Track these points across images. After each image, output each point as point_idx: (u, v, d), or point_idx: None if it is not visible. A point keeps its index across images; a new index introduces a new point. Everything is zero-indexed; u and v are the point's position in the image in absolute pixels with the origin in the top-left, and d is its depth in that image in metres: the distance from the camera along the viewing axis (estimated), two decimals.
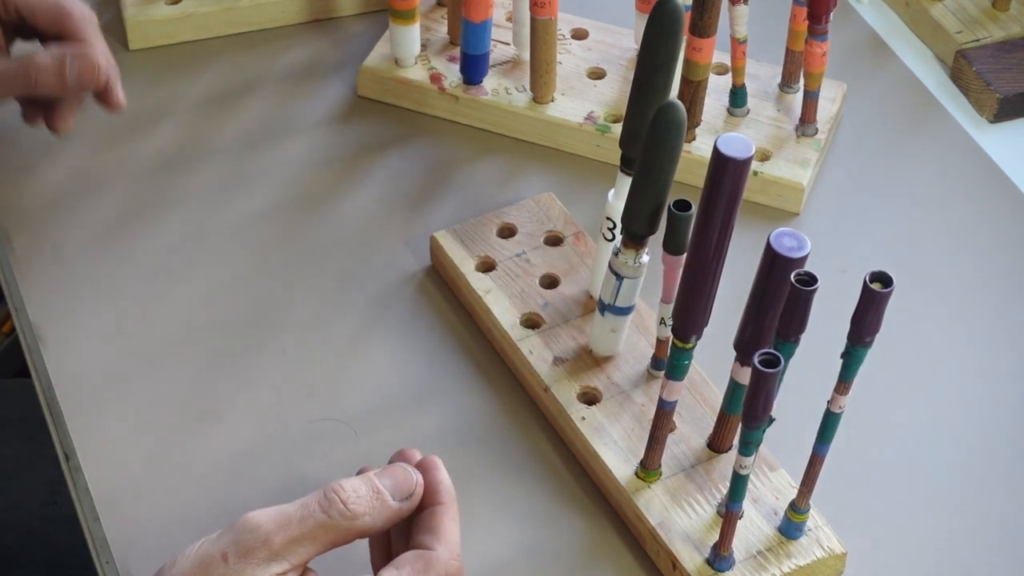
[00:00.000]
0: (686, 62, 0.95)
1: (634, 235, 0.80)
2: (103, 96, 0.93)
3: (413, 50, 1.04)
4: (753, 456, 0.74)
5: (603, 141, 1.01)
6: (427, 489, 0.74)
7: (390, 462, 0.76)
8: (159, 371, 0.89)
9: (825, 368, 0.76)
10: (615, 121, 1.01)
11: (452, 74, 1.04)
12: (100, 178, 0.99)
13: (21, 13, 0.92)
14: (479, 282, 0.91)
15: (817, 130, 1.00)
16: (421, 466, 0.75)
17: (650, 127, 0.76)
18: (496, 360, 0.90)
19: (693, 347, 0.77)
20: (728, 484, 0.76)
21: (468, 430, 0.86)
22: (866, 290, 0.69)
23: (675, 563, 0.78)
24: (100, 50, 0.92)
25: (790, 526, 0.79)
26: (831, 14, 0.95)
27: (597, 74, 1.04)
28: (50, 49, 0.91)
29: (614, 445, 0.83)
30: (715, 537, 0.79)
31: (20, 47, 0.94)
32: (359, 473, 0.75)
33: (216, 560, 0.68)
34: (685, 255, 0.76)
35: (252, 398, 0.87)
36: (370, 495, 0.71)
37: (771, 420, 0.72)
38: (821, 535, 0.79)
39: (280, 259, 0.95)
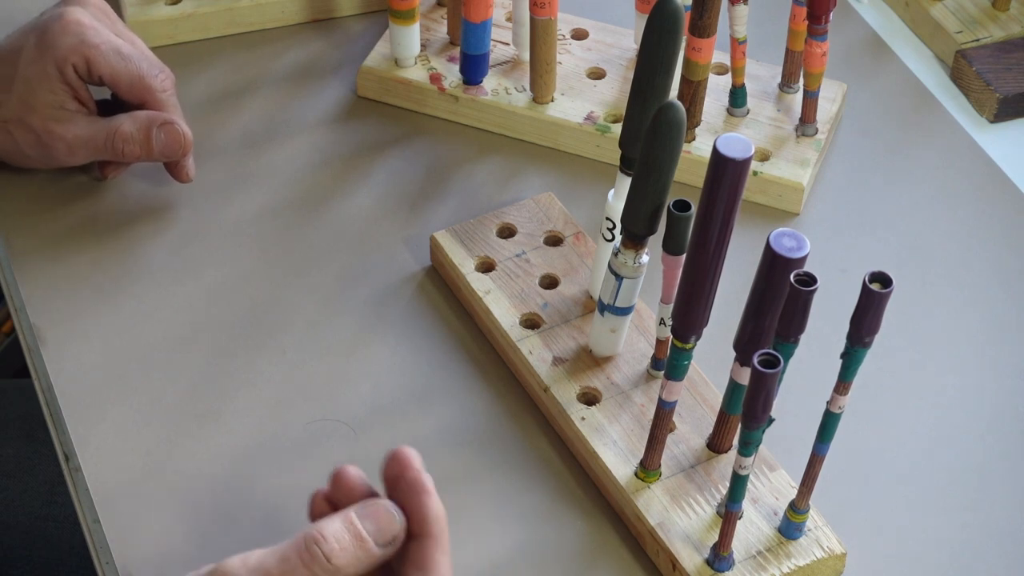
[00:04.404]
0: (686, 62, 0.95)
1: (634, 235, 0.80)
2: (174, 167, 0.96)
3: (413, 50, 1.04)
4: (753, 456, 0.74)
5: (603, 141, 1.01)
6: (416, 517, 0.70)
7: (386, 463, 0.72)
8: (159, 371, 0.89)
9: (825, 368, 0.76)
10: (615, 121, 1.01)
11: (452, 74, 1.04)
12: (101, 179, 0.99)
13: (104, 80, 0.95)
14: (479, 282, 0.91)
15: (817, 130, 1.00)
16: (411, 488, 0.70)
17: (650, 127, 0.76)
18: (496, 360, 0.90)
19: (693, 347, 0.77)
20: (728, 484, 0.76)
21: (468, 430, 0.86)
22: (865, 290, 0.69)
23: (675, 563, 0.78)
24: (180, 119, 0.95)
25: (790, 526, 0.79)
26: (831, 14, 0.95)
27: (597, 74, 1.04)
28: (135, 116, 0.94)
29: (614, 445, 0.83)
30: (715, 537, 0.79)
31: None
32: (332, 477, 0.71)
33: None
34: (685, 255, 0.76)
35: (252, 398, 0.88)
36: (353, 544, 0.68)
37: (771, 420, 0.72)
38: (821, 535, 0.79)
39: (280, 259, 0.95)
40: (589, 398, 0.85)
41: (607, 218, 0.86)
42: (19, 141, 0.94)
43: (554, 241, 0.93)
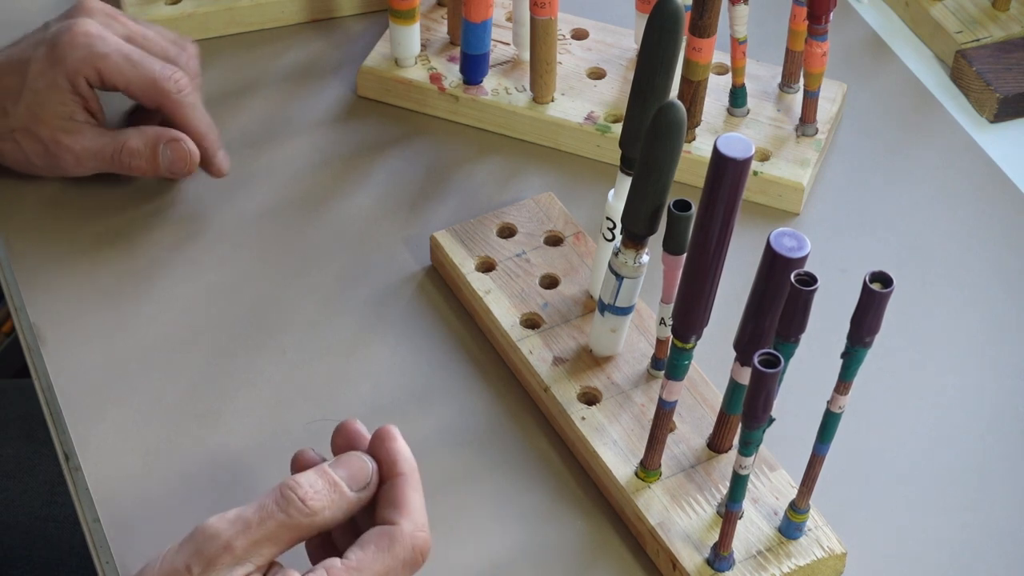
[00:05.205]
0: (686, 62, 0.95)
1: (634, 235, 0.81)
2: (205, 165, 0.97)
3: (413, 50, 1.04)
4: (753, 456, 0.74)
5: (603, 141, 1.01)
6: (386, 460, 0.73)
7: (335, 436, 0.75)
8: (159, 371, 0.89)
9: (825, 368, 0.76)
10: (615, 121, 1.01)
11: (452, 74, 1.04)
12: (100, 178, 0.99)
13: (119, 88, 0.95)
14: (479, 282, 0.91)
15: (817, 130, 1.00)
16: (377, 438, 0.73)
17: (650, 127, 0.76)
18: (496, 360, 0.90)
19: (693, 347, 0.77)
20: (728, 484, 0.76)
21: (468, 430, 0.86)
22: (866, 290, 0.69)
23: (675, 563, 0.78)
24: (198, 119, 0.95)
25: (790, 526, 0.79)
26: (831, 14, 0.95)
27: (597, 74, 1.04)
28: (143, 131, 0.94)
29: (614, 445, 0.83)
30: (715, 537, 0.79)
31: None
32: (296, 456, 0.74)
33: (181, 573, 0.68)
34: (685, 255, 0.76)
35: (252, 398, 0.88)
36: (327, 489, 0.71)
37: (771, 420, 0.72)
38: (821, 535, 0.79)
39: (280, 259, 0.95)
40: (589, 398, 0.85)
41: (607, 218, 0.86)
42: (26, 151, 0.94)
43: (554, 241, 0.93)
